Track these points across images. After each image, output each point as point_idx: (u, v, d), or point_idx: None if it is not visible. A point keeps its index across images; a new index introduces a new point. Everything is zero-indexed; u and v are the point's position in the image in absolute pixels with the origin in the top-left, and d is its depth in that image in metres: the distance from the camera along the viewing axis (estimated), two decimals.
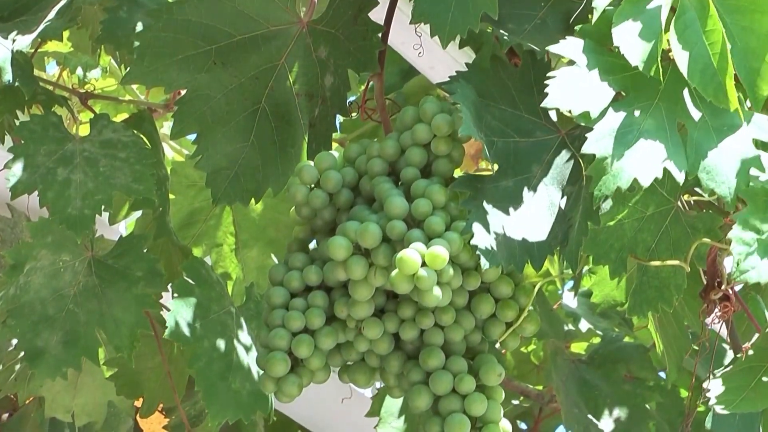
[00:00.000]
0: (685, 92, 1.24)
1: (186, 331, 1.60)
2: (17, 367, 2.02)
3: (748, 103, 1.25)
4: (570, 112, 1.21)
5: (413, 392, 1.34)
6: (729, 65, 1.19)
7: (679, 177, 1.20)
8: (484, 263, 1.26)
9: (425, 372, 1.35)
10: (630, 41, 1.20)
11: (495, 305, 1.36)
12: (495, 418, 1.34)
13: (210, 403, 1.60)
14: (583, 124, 1.20)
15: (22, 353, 1.67)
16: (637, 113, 1.22)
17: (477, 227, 1.28)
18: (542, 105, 1.21)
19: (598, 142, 1.20)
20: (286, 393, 1.35)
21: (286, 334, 1.35)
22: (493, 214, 1.30)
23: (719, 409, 1.40)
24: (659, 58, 1.20)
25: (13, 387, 2.03)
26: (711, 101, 1.20)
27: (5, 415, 2.37)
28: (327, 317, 1.36)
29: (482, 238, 1.27)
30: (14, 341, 1.74)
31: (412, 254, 1.26)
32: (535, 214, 1.32)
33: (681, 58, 1.20)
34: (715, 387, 1.41)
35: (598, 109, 1.21)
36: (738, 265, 1.22)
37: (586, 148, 1.20)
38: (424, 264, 1.27)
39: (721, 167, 1.23)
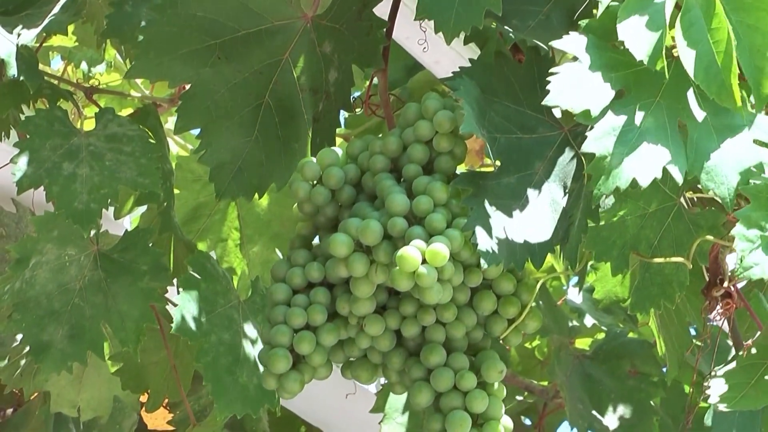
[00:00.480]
0: (688, 92, 1.24)
1: (192, 325, 1.60)
2: (22, 361, 2.02)
3: (752, 100, 1.25)
4: (571, 110, 1.21)
5: (414, 389, 1.34)
6: (733, 64, 1.19)
7: (679, 178, 1.20)
8: (484, 263, 1.26)
9: (426, 369, 1.35)
10: (635, 36, 1.20)
11: (497, 302, 1.36)
12: (496, 415, 1.34)
13: (218, 397, 1.60)
14: (582, 122, 1.20)
15: (28, 348, 1.67)
16: (638, 112, 1.21)
17: (478, 225, 1.27)
18: (543, 103, 1.21)
19: (598, 141, 1.20)
20: (287, 389, 1.35)
21: (287, 330, 1.35)
22: (495, 211, 1.29)
23: (720, 407, 1.39)
24: (664, 53, 1.20)
25: (19, 382, 2.03)
26: (714, 99, 1.20)
27: (10, 410, 2.38)
28: (329, 314, 1.36)
29: (483, 236, 1.27)
30: (20, 336, 1.74)
31: (412, 251, 1.26)
32: (536, 212, 1.31)
33: (686, 56, 1.20)
34: (716, 384, 1.41)
35: (598, 108, 1.20)
36: (741, 261, 1.21)
37: (586, 147, 1.19)
38: (424, 261, 1.26)
39: (721, 168, 1.23)
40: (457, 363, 1.34)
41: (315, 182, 1.41)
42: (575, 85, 1.22)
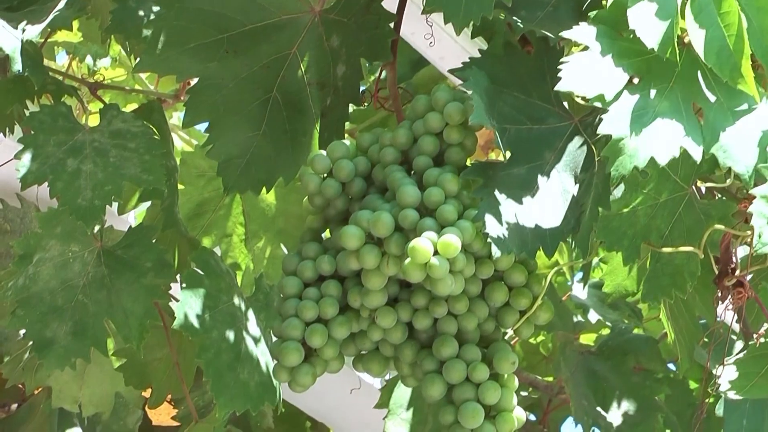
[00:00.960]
0: (700, 77, 1.24)
1: (195, 322, 1.60)
2: (25, 356, 2.02)
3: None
4: (584, 98, 1.21)
5: (427, 381, 1.34)
6: (745, 46, 1.19)
7: (697, 155, 1.20)
8: (495, 251, 1.26)
9: (439, 361, 1.35)
10: (646, 23, 1.20)
11: (508, 293, 1.36)
12: (508, 407, 1.34)
13: (218, 394, 1.59)
14: (597, 106, 1.20)
15: (31, 343, 1.67)
16: (652, 96, 1.22)
17: (488, 215, 1.28)
18: (555, 89, 1.21)
19: (614, 123, 1.20)
20: (299, 382, 1.35)
21: (299, 323, 1.35)
22: (505, 201, 1.29)
23: (731, 395, 1.40)
24: (675, 41, 1.20)
25: (20, 376, 2.03)
26: (727, 82, 1.20)
27: (14, 405, 2.37)
28: (340, 307, 1.36)
29: (493, 226, 1.27)
30: (22, 331, 1.74)
31: (424, 243, 1.26)
32: (547, 201, 1.31)
33: (697, 40, 1.20)
34: (727, 373, 1.41)
35: (612, 92, 1.21)
36: (760, 236, 1.22)
37: (602, 129, 1.19)
38: (436, 253, 1.26)
39: (738, 146, 1.23)
40: (469, 355, 1.34)
41: (325, 175, 1.41)
42: (588, 71, 1.22)
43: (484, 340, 1.38)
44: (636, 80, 1.23)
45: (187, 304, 1.60)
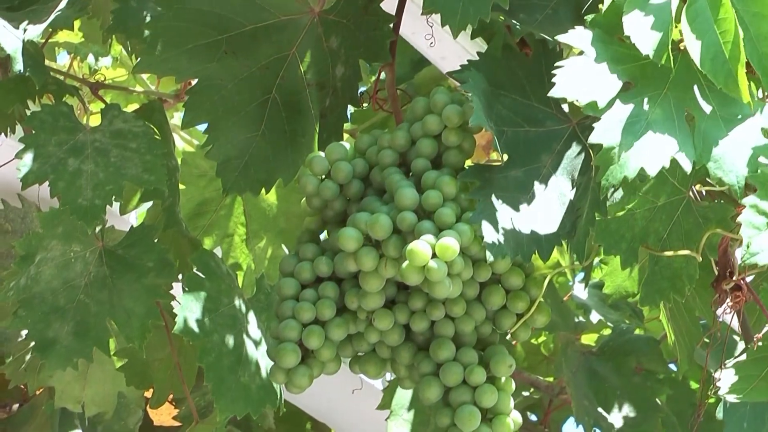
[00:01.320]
0: (694, 84, 1.24)
1: (195, 326, 1.60)
2: (27, 357, 2.02)
3: (760, 94, 1.25)
4: (577, 101, 1.21)
5: (423, 384, 1.34)
6: (741, 53, 1.18)
7: (687, 166, 1.20)
8: (489, 256, 1.26)
9: (436, 363, 1.35)
10: (641, 29, 1.20)
11: (506, 296, 1.35)
12: (505, 410, 1.33)
13: (219, 397, 1.59)
14: (590, 114, 1.20)
15: (33, 343, 1.67)
16: (645, 103, 1.21)
17: (484, 217, 1.27)
18: (549, 94, 1.21)
19: (605, 132, 1.19)
20: (296, 384, 1.35)
21: (296, 325, 1.35)
22: (502, 204, 1.29)
23: (730, 398, 1.39)
24: (670, 47, 1.19)
25: (23, 377, 2.03)
26: (721, 89, 1.20)
27: (16, 406, 2.38)
28: (338, 308, 1.36)
29: (489, 229, 1.27)
30: (24, 332, 1.74)
31: (422, 246, 1.26)
32: (544, 205, 1.31)
33: (692, 46, 1.19)
34: (726, 376, 1.41)
35: (605, 99, 1.20)
36: (748, 247, 1.21)
37: (594, 138, 1.19)
38: (434, 255, 1.26)
39: (730, 156, 1.22)
40: (466, 358, 1.34)
41: (323, 177, 1.40)
42: (582, 77, 1.21)
43: (481, 342, 1.37)
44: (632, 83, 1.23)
45: (187, 307, 1.60)
